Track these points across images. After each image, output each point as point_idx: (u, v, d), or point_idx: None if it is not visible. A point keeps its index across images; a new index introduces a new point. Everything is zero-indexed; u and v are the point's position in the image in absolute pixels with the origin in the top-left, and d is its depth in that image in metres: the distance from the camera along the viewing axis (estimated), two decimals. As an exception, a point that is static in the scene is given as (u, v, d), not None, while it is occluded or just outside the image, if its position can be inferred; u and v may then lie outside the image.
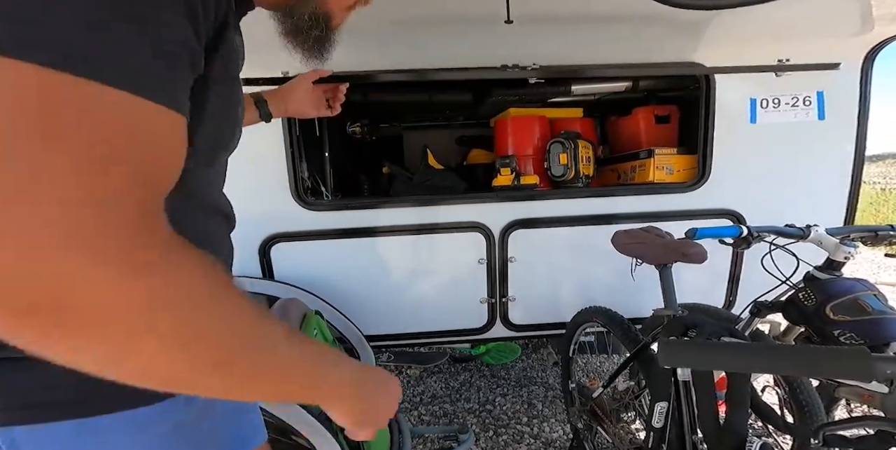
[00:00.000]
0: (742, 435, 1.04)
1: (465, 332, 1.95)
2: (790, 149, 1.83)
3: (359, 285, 1.83)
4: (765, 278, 1.26)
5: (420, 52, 1.65)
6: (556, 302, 1.95)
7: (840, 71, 1.73)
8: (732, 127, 1.80)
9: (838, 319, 1.04)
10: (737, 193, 1.85)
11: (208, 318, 0.33)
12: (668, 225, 1.47)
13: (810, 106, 1.80)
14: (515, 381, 2.53)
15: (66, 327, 0.28)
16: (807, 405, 1.22)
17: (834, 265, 1.20)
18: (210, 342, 0.33)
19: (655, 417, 1.25)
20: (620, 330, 1.50)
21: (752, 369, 0.46)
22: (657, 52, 1.71)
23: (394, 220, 1.79)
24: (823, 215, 1.84)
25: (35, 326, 0.27)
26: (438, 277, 1.87)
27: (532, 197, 1.87)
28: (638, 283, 1.48)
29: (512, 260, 1.85)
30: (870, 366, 0.43)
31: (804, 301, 1.14)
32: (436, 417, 2.25)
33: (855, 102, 1.78)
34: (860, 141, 1.81)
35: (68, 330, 0.28)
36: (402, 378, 2.62)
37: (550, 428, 2.10)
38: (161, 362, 0.32)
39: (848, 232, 1.23)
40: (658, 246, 1.25)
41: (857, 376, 0.43)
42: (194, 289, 0.33)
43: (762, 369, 0.46)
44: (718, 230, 1.21)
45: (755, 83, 1.77)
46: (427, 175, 1.94)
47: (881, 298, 1.07)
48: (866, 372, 0.43)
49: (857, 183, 1.86)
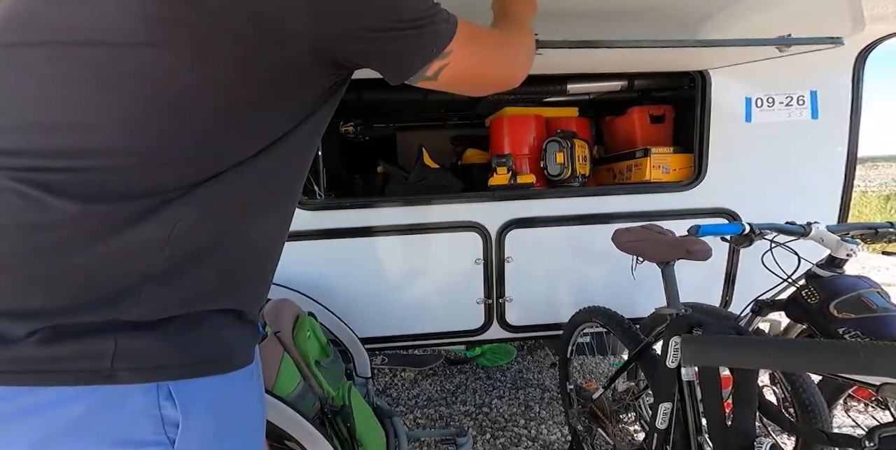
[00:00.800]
0: (750, 436, 1.02)
1: (462, 333, 1.92)
2: (784, 148, 1.84)
3: (353, 287, 1.78)
4: (760, 277, 1.25)
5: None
6: (553, 303, 1.93)
7: (832, 69, 1.75)
8: (728, 126, 1.80)
9: (843, 317, 1.03)
10: (732, 191, 1.85)
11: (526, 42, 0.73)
12: (664, 224, 1.45)
13: (804, 105, 1.81)
14: (511, 383, 2.50)
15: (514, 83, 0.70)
16: (810, 404, 1.20)
17: (836, 262, 1.19)
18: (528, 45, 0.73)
19: (659, 418, 1.23)
20: (621, 330, 1.48)
21: (790, 366, 0.43)
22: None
23: (389, 219, 1.76)
24: (817, 214, 1.83)
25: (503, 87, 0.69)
26: (434, 278, 1.83)
27: (529, 196, 1.85)
28: (636, 283, 1.46)
29: (509, 260, 1.82)
30: (913, 360, 0.40)
31: (807, 299, 1.13)
32: (431, 420, 2.20)
33: (847, 102, 1.80)
34: (852, 140, 1.83)
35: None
36: (397, 381, 2.57)
37: (548, 430, 2.07)
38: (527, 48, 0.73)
39: (848, 229, 1.23)
40: (661, 243, 1.23)
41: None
42: (526, 44, 0.73)
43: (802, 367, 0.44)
44: (721, 227, 1.20)
45: (750, 82, 1.78)
46: (423, 174, 1.91)
47: (884, 295, 1.07)
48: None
49: (850, 182, 1.88)
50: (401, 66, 0.57)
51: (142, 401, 0.49)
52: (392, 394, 2.46)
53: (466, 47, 0.58)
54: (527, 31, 0.75)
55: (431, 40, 0.55)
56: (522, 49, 0.70)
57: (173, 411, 0.50)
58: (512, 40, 0.69)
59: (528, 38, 0.73)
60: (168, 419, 0.50)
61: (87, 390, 0.47)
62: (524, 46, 0.71)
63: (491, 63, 0.64)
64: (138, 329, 0.49)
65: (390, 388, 2.52)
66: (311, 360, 1.34)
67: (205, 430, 0.52)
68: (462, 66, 0.58)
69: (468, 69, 0.60)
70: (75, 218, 0.47)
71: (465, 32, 0.58)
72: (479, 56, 0.61)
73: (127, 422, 0.49)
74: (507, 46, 0.67)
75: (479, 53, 0.61)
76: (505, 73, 0.67)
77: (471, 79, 0.63)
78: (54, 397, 0.46)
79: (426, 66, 0.56)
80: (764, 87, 1.78)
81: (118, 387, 0.48)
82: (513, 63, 0.68)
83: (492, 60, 0.64)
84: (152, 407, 0.49)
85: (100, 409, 0.48)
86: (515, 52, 0.69)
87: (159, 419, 0.49)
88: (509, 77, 0.68)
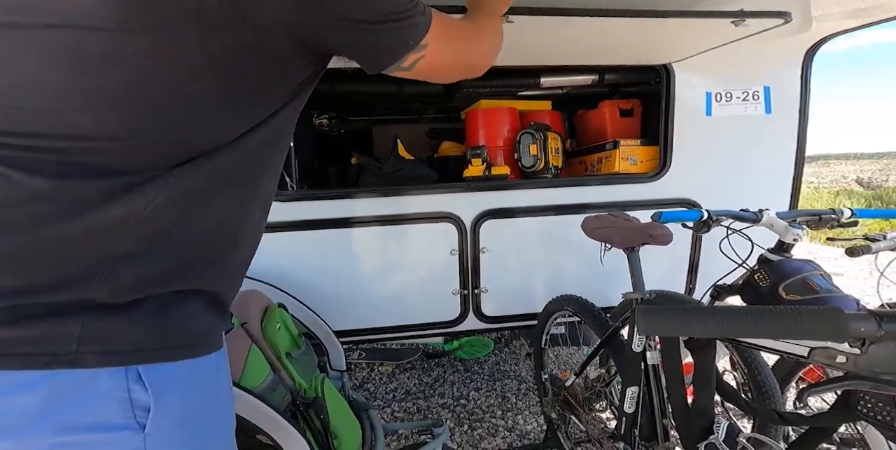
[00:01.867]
0: (710, 416, 1.06)
1: (438, 325, 1.92)
2: (741, 141, 1.92)
3: (326, 278, 1.76)
4: (721, 266, 1.30)
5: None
6: (527, 293, 1.95)
7: (783, 66, 1.84)
8: (690, 119, 1.87)
9: (790, 299, 1.09)
10: (694, 182, 1.92)
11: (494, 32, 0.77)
12: (633, 214, 1.50)
13: (759, 100, 1.90)
14: (489, 375, 2.52)
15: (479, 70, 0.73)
16: (764, 386, 1.26)
17: (784, 247, 1.25)
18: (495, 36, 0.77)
19: (627, 402, 1.26)
20: (591, 317, 1.51)
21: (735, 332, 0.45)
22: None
23: (363, 210, 1.74)
24: (771, 204, 1.93)
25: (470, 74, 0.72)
26: (410, 269, 1.83)
27: (503, 187, 1.87)
28: (607, 272, 1.49)
29: (484, 251, 1.83)
30: (845, 325, 0.43)
31: (759, 282, 1.18)
32: (409, 413, 2.20)
33: (797, 97, 1.90)
34: (801, 134, 1.93)
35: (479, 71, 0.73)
36: (374, 376, 2.56)
37: (524, 420, 2.10)
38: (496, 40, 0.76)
39: (795, 216, 1.29)
40: (625, 229, 1.26)
41: (833, 336, 0.43)
42: (495, 30, 0.77)
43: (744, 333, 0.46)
44: (681, 214, 1.24)
45: (710, 77, 1.85)
46: (397, 165, 1.90)
47: (826, 277, 1.12)
48: (842, 331, 0.42)
49: (800, 173, 1.98)
50: (379, 57, 0.59)
51: (109, 384, 0.48)
52: (370, 388, 2.45)
53: (441, 39, 0.61)
54: (496, 24, 0.78)
55: (409, 33, 0.57)
56: (491, 41, 0.75)
57: (144, 394, 0.49)
58: (481, 32, 0.73)
59: (497, 31, 0.78)
60: (138, 403, 0.49)
61: (49, 375, 0.46)
62: (493, 38, 0.75)
63: (462, 54, 0.68)
64: (107, 311, 0.48)
65: (368, 382, 2.51)
66: (281, 351, 1.32)
67: (176, 414, 0.52)
68: (436, 57, 0.61)
69: (441, 60, 0.63)
70: (46, 195, 0.46)
71: (439, 25, 0.60)
72: (452, 47, 0.65)
73: (93, 406, 0.47)
74: (476, 38, 0.71)
75: (452, 45, 0.65)
76: (474, 62, 0.71)
77: (443, 69, 0.67)
78: (15, 381, 0.45)
79: (403, 57, 0.58)
80: (723, 83, 1.85)
81: (83, 371, 0.47)
82: (481, 54, 0.72)
83: (462, 51, 0.68)
84: (121, 390, 0.48)
85: (63, 394, 0.46)
86: (484, 44, 0.73)
87: (128, 403, 0.48)
88: (477, 67, 0.72)
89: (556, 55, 1.77)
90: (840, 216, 1.27)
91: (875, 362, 0.45)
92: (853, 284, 3.84)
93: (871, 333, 0.43)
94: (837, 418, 0.83)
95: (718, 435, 1.00)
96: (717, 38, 1.56)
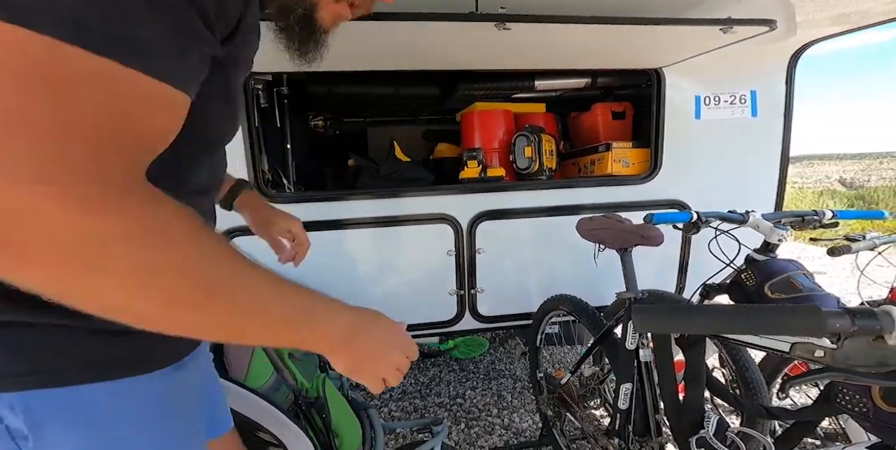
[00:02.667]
0: (700, 411, 1.10)
1: (435, 325, 1.95)
2: (729, 143, 1.98)
3: (325, 280, 1.78)
4: (710, 266, 1.34)
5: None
6: (523, 293, 1.98)
7: (769, 71, 1.90)
8: (680, 123, 1.91)
9: (776, 297, 1.13)
10: (684, 184, 1.97)
11: (175, 260, 0.35)
12: (625, 215, 1.53)
13: (745, 104, 1.95)
14: (484, 374, 2.55)
15: (7, 257, 0.30)
16: (752, 381, 1.31)
17: (769, 247, 1.30)
18: (175, 283, 0.36)
19: (621, 398, 1.30)
20: (586, 316, 1.55)
21: (723, 329, 0.49)
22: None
23: (360, 212, 1.76)
24: (757, 205, 1.99)
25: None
26: (407, 270, 1.86)
27: (499, 189, 1.90)
28: (601, 272, 1.53)
29: (480, 251, 1.86)
30: (822, 321, 0.46)
31: (746, 281, 1.23)
32: (406, 412, 2.23)
33: (782, 101, 1.95)
34: (786, 136, 1.99)
35: (9, 260, 0.31)
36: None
37: (520, 418, 2.13)
38: (119, 297, 0.34)
39: (780, 217, 1.34)
40: (619, 231, 1.30)
41: (811, 331, 0.47)
42: (161, 232, 0.35)
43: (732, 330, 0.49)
44: (672, 215, 1.28)
45: (700, 81, 1.90)
46: (394, 167, 1.92)
47: (809, 276, 1.17)
48: (820, 327, 0.46)
49: (784, 174, 2.04)
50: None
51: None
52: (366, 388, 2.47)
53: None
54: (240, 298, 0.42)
55: None
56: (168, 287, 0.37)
57: (17, 422, 0.45)
58: (194, 270, 0.37)
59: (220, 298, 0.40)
60: (16, 432, 0.46)
61: None
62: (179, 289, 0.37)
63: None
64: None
65: (364, 382, 2.53)
66: (283, 352, 1.35)
67: (67, 443, 0.47)
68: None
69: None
70: None
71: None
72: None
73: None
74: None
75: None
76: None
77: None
78: None
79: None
80: (711, 87, 1.90)
81: None
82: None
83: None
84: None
85: None
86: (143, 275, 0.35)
87: (5, 431, 0.45)
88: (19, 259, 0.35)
89: (551, 59, 1.81)
90: (822, 217, 1.32)
91: (849, 355, 0.49)
92: (836, 282, 3.93)
93: (845, 329, 0.47)
94: (820, 412, 0.87)
95: (709, 430, 1.04)
96: (706, 43, 1.61)
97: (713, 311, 0.49)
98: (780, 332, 0.47)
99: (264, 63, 1.63)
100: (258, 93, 1.76)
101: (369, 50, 1.54)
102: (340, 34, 1.44)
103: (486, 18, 1.34)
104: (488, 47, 1.57)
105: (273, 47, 0.63)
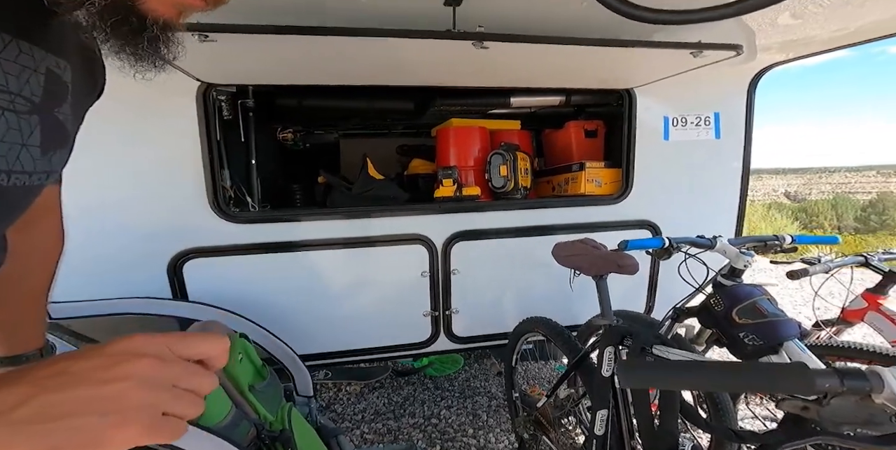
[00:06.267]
0: (675, 437, 1.09)
1: (409, 346, 1.90)
2: (694, 164, 2.04)
3: (292, 303, 1.70)
4: (677, 285, 1.36)
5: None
6: (498, 313, 1.96)
7: (731, 94, 1.97)
8: (650, 143, 1.95)
9: (742, 323, 1.15)
10: (653, 204, 2.01)
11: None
12: (596, 236, 1.55)
13: (710, 125, 2.01)
14: (459, 392, 2.50)
15: None
16: (720, 403, 1.32)
17: (735, 272, 1.33)
18: None
19: (597, 424, 1.28)
20: (561, 340, 1.53)
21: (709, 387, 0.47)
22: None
23: (331, 232, 1.70)
24: (720, 224, 2.06)
25: None
26: (380, 292, 1.80)
27: (474, 209, 1.87)
28: (575, 293, 1.52)
29: (455, 272, 1.83)
30: (811, 381, 0.45)
31: (715, 306, 1.24)
32: (379, 434, 2.15)
33: (742, 123, 2.02)
34: (746, 156, 2.07)
35: None
36: (342, 396, 2.49)
37: (496, 438, 2.09)
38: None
39: (744, 242, 1.38)
40: (595, 258, 1.29)
41: (800, 391, 0.45)
42: None
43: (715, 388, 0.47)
44: (645, 242, 1.29)
45: (668, 102, 1.95)
46: (367, 185, 1.87)
47: (773, 301, 1.20)
48: (809, 387, 0.45)
49: (745, 192, 2.11)
50: None
51: None
52: (337, 409, 2.37)
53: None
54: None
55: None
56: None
57: None
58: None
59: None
60: None
61: None
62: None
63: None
64: None
65: (335, 403, 2.44)
66: (243, 385, 1.26)
67: None
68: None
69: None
70: None
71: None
72: None
73: None
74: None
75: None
76: None
77: None
78: None
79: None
80: (678, 108, 1.95)
81: None
82: None
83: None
84: None
85: None
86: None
87: None
88: None
89: (527, 77, 1.81)
90: (783, 242, 1.37)
91: (836, 412, 0.48)
92: (784, 293, 4.14)
93: (834, 389, 0.45)
94: (789, 435, 0.87)
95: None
96: (676, 66, 1.64)
97: (700, 368, 0.47)
98: (768, 391, 0.46)
99: (230, 75, 1.55)
100: (220, 104, 1.68)
101: (344, 66, 1.50)
102: (314, 49, 1.37)
103: (464, 37, 1.32)
104: (465, 65, 1.55)
105: (237, 58, 0.56)
